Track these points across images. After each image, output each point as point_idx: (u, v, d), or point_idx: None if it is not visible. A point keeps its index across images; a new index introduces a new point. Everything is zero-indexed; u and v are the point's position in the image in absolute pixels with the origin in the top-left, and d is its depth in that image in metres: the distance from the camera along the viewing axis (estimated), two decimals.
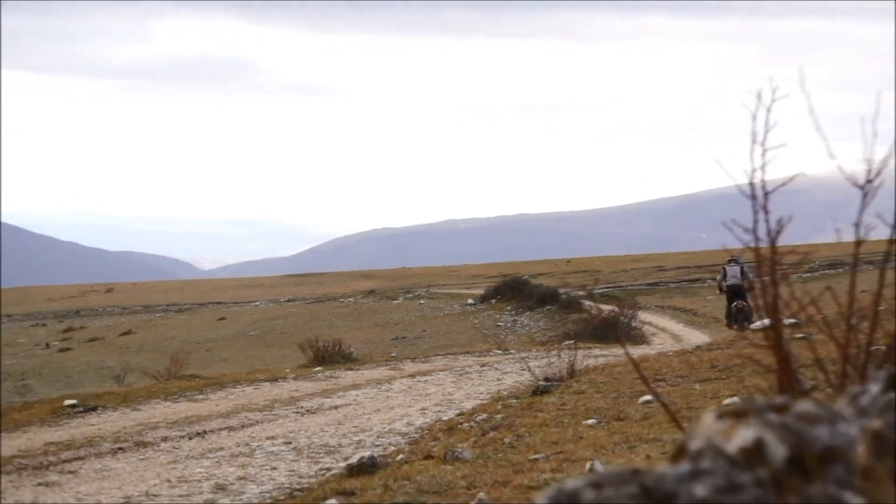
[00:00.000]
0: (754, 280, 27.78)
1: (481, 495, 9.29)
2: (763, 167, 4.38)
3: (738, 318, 33.09)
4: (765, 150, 4.42)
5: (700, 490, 2.37)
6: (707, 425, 2.54)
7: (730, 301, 34.08)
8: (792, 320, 5.84)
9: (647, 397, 14.36)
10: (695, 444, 2.51)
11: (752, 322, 30.19)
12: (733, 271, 33.50)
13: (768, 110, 4.37)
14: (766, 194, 4.45)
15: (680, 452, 2.53)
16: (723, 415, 2.56)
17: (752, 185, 4.32)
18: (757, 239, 4.41)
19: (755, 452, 2.46)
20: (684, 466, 2.44)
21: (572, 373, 18.83)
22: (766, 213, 4.38)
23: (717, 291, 36.30)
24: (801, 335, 6.53)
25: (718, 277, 35.28)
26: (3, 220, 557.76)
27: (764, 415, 2.50)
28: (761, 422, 2.49)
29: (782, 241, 4.63)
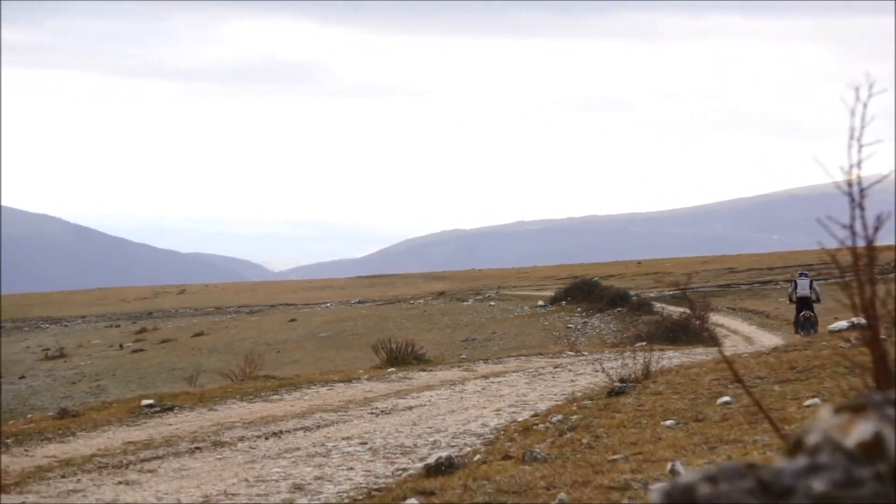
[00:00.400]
0: (820, 292, 30.93)
1: (562, 495, 9.26)
2: (859, 163, 4.34)
3: (804, 325, 36.39)
4: (861, 147, 4.38)
5: (818, 485, 2.34)
6: (824, 420, 2.51)
7: (798, 310, 37.29)
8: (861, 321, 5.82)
9: (726, 398, 14.25)
10: (812, 439, 2.48)
11: (817, 329, 34.43)
12: (803, 284, 37.17)
13: (865, 105, 4.33)
14: (862, 191, 4.41)
15: (796, 447, 2.50)
16: (839, 409, 2.53)
17: (849, 181, 4.29)
18: (854, 236, 4.37)
19: (874, 447, 2.43)
20: (801, 461, 2.42)
21: (647, 374, 18.72)
22: (863, 209, 4.34)
23: (788, 302, 39.51)
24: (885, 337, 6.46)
25: (790, 290, 38.85)
26: (77, 223, 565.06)
27: (882, 409, 2.47)
28: (879, 416, 2.46)
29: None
